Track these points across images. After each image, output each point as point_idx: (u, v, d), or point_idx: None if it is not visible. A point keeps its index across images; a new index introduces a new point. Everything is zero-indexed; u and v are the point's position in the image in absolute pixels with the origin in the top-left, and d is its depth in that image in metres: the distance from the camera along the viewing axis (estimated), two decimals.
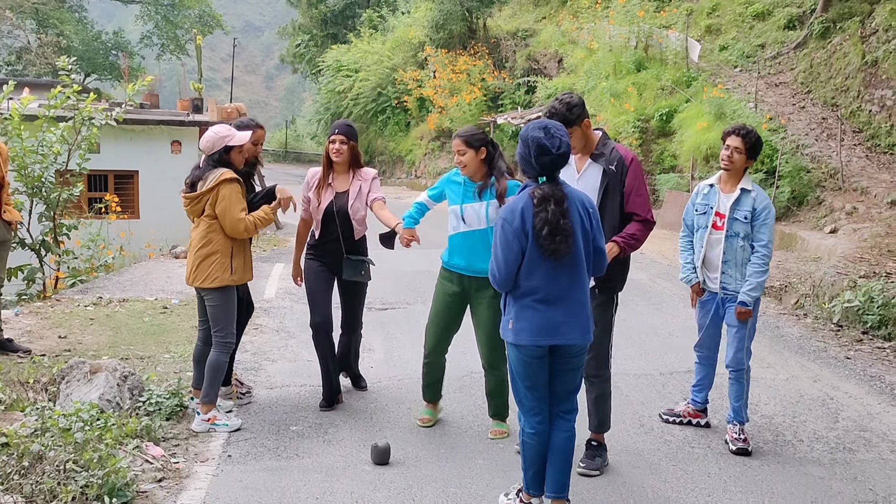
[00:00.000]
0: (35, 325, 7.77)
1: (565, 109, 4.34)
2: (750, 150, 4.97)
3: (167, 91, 54.08)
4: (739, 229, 4.95)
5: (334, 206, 5.39)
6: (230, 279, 5.06)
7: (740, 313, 4.95)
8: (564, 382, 3.91)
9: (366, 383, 5.94)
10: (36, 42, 40.23)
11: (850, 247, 10.46)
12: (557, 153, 3.67)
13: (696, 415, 5.37)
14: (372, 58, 34.13)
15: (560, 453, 3.90)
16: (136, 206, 16.06)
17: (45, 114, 9.58)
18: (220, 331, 5.10)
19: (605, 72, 20.62)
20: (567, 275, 3.74)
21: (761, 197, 4.96)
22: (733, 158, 4.96)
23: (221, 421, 5.07)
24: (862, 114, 14.79)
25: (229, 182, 4.95)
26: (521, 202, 3.75)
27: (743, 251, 4.96)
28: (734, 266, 4.99)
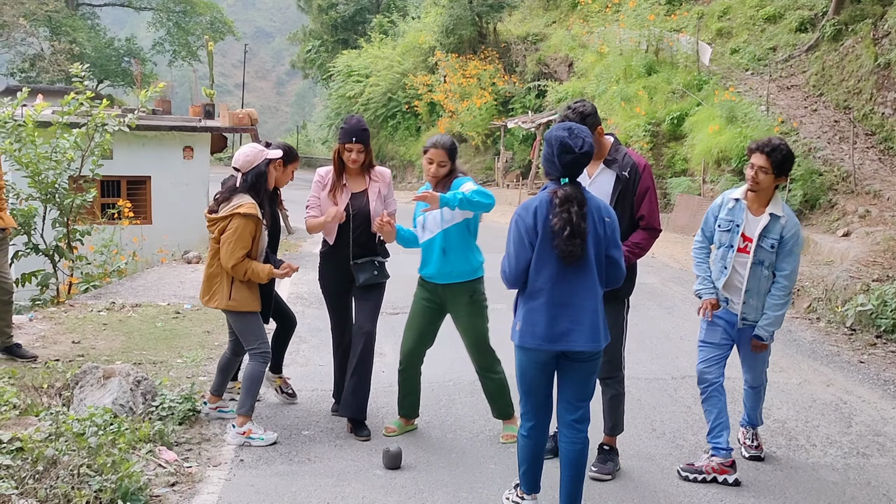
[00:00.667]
0: (49, 330, 7.82)
1: (578, 119, 4.30)
2: (778, 167, 4.46)
3: (179, 97, 54.37)
4: (765, 258, 4.54)
5: (350, 209, 5.12)
6: (227, 304, 4.96)
7: (755, 346, 4.67)
8: (575, 391, 3.87)
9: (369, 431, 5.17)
10: (49, 49, 40.58)
11: (863, 250, 10.40)
12: (580, 152, 3.68)
13: (723, 470, 4.54)
14: (382, 63, 34.26)
15: (572, 464, 3.87)
16: (148, 211, 16.14)
17: (59, 120, 9.65)
18: (252, 346, 5.03)
19: (616, 76, 20.61)
20: (575, 279, 3.72)
21: (791, 224, 4.52)
22: (759, 179, 4.48)
23: (257, 434, 4.96)
24: (875, 116, 14.72)
25: (242, 217, 4.84)
26: (536, 201, 3.77)
27: (766, 280, 4.57)
28: (756, 295, 4.59)
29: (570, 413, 3.89)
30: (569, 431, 3.88)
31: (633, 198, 4.46)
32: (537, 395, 3.87)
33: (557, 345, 3.72)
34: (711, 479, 4.51)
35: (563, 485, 3.88)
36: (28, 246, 9.42)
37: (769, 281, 4.57)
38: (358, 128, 5.05)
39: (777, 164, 4.45)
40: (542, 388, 3.87)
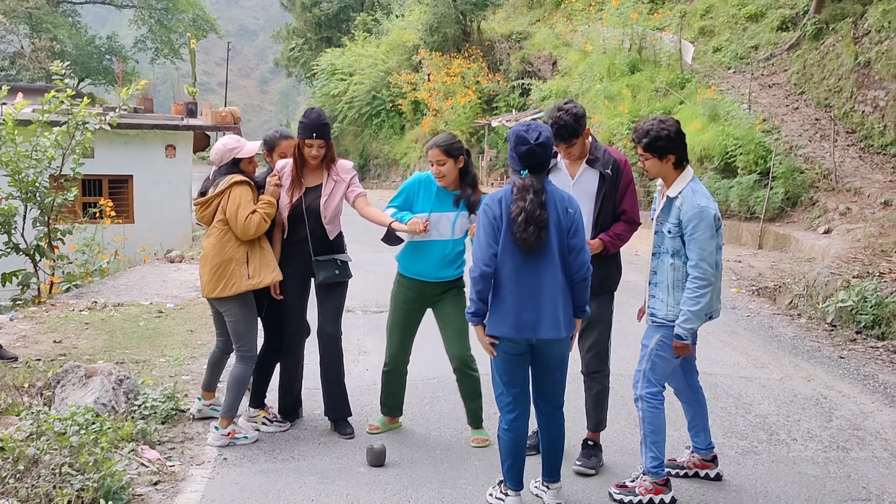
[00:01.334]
0: (30, 329, 7.76)
1: (573, 121, 4.32)
2: (653, 151, 4.14)
3: (161, 95, 54.04)
4: (668, 245, 4.17)
5: (303, 204, 4.99)
6: (248, 284, 4.82)
7: (676, 348, 4.16)
8: (551, 382, 4.04)
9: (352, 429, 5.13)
10: (29, 47, 40.24)
11: (844, 247, 10.49)
12: (535, 143, 3.78)
13: (703, 465, 4.55)
14: (366, 61, 34.22)
15: (555, 444, 4.10)
16: (130, 210, 16.07)
17: (39, 118, 9.58)
18: (243, 344, 4.93)
19: (600, 74, 20.67)
20: (538, 269, 3.82)
21: (688, 205, 4.07)
22: (646, 167, 4.23)
23: (241, 434, 4.95)
24: (855, 114, 14.84)
25: (239, 184, 4.84)
26: (501, 192, 3.89)
27: (674, 271, 4.16)
28: (665, 289, 4.20)
29: (547, 402, 4.07)
30: (546, 418, 4.09)
31: (616, 193, 4.49)
32: (515, 384, 3.97)
33: (524, 333, 3.82)
34: (693, 475, 4.53)
35: (548, 464, 4.10)
36: (8, 245, 9.36)
37: (679, 272, 4.15)
38: (318, 122, 4.89)
39: (649, 148, 4.14)
40: (520, 379, 3.99)
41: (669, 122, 4.17)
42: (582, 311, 3.99)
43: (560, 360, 3.99)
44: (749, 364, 6.91)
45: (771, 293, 9.76)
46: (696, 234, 4.04)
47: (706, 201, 4.09)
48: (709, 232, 4.04)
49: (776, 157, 13.56)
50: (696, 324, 4.10)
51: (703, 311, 4.09)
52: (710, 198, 4.15)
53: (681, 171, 4.19)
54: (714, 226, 4.07)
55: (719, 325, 8.21)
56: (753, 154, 13.89)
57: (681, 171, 4.19)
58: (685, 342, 4.14)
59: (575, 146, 4.41)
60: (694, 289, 4.05)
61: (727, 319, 8.49)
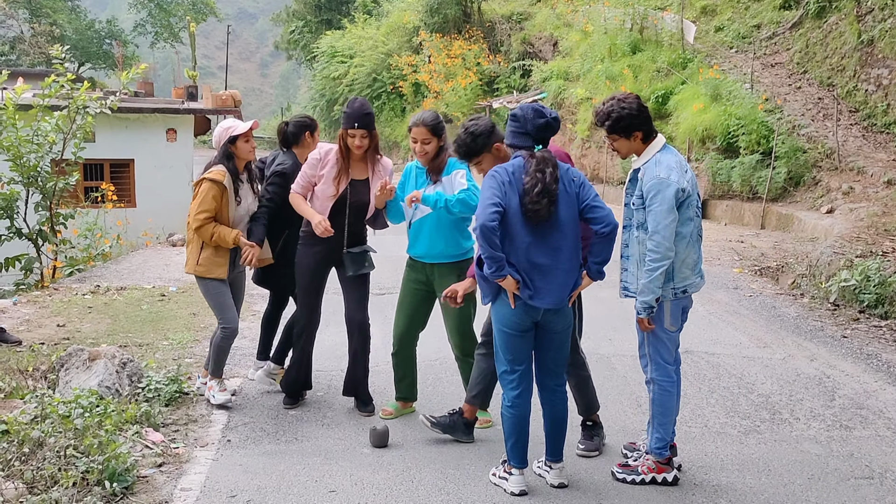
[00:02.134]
0: (33, 314, 7.78)
1: (470, 140, 4.31)
2: (620, 130, 4.08)
3: (162, 80, 53.87)
4: (633, 217, 4.12)
5: (349, 197, 4.97)
6: (196, 270, 5.13)
7: (639, 321, 4.15)
8: (557, 356, 4.07)
9: (373, 406, 5.24)
10: (29, 32, 40.12)
11: (847, 226, 10.48)
12: (551, 117, 3.96)
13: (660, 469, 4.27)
14: (366, 43, 34.08)
15: (558, 423, 4.12)
16: (132, 194, 16.03)
17: (40, 103, 9.55)
18: (219, 317, 5.24)
19: (601, 54, 20.57)
20: (546, 241, 3.87)
21: (649, 174, 3.99)
22: (615, 147, 4.18)
23: (212, 392, 5.23)
24: (858, 93, 14.77)
25: (208, 181, 5.02)
26: (510, 165, 3.92)
27: (639, 244, 4.10)
28: (635, 263, 4.14)
29: (551, 378, 4.11)
30: (551, 395, 4.12)
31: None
32: (520, 362, 4.01)
33: (535, 302, 3.86)
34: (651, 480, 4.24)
35: (552, 443, 4.13)
36: (11, 230, 9.35)
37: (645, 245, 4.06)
38: (361, 112, 4.85)
39: (614, 130, 4.08)
40: (525, 356, 4.02)
41: (629, 100, 4.10)
42: (599, 270, 4.03)
43: (566, 332, 4.05)
44: (752, 344, 6.91)
45: (773, 273, 9.76)
46: (652, 205, 3.95)
47: (667, 172, 3.96)
48: (666, 204, 3.92)
49: (779, 136, 13.52)
50: (650, 297, 3.99)
51: (656, 283, 3.97)
52: (675, 168, 3.98)
53: (649, 144, 4.13)
54: (675, 198, 3.93)
55: (722, 305, 8.21)
56: (756, 134, 13.85)
57: (649, 144, 4.13)
58: (642, 316, 4.08)
59: (482, 162, 4.36)
60: (647, 261, 3.98)
61: (729, 299, 8.49)
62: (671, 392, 4.20)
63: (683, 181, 3.98)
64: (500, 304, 3.96)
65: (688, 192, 4.00)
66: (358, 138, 4.88)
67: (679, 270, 4.07)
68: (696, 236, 4.13)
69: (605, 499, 4.04)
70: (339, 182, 4.94)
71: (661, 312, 4.11)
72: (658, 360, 4.19)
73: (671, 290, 4.08)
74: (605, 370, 6.13)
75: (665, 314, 4.12)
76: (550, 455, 4.15)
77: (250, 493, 4.04)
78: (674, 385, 4.22)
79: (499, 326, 4.00)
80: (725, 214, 14.30)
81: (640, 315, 4.09)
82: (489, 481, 4.17)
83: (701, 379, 5.94)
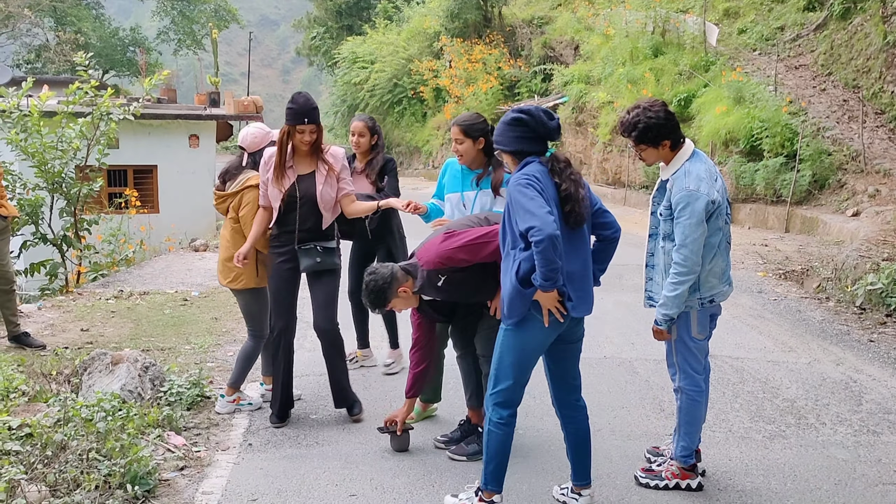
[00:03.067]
0: (58, 318, 7.85)
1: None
2: (647, 140, 3.97)
3: (185, 86, 54.35)
4: (660, 228, 4.06)
5: (297, 192, 4.84)
6: (257, 282, 5.06)
7: (654, 332, 4.08)
8: (571, 368, 3.88)
9: (360, 409, 5.19)
10: (54, 40, 40.57)
11: (873, 229, 10.34)
12: (556, 119, 3.76)
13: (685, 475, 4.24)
14: (387, 49, 34.13)
15: (584, 441, 3.90)
16: (155, 200, 16.18)
17: (64, 110, 9.66)
18: (254, 325, 5.19)
19: (622, 58, 20.47)
20: (576, 247, 3.70)
21: (678, 187, 3.90)
22: (642, 157, 4.09)
23: (246, 400, 5.25)
24: (884, 95, 14.59)
25: (255, 189, 4.97)
26: (535, 169, 3.64)
27: (666, 255, 4.03)
28: (661, 273, 4.09)
29: (570, 393, 3.89)
30: (573, 412, 3.89)
31: None
32: (526, 377, 3.75)
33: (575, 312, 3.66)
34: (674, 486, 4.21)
35: (576, 460, 3.90)
36: (36, 236, 9.45)
37: (671, 256, 3.99)
38: (308, 107, 4.74)
39: (642, 140, 3.97)
40: (530, 372, 3.77)
41: (656, 107, 3.97)
42: (600, 275, 3.93)
43: (581, 341, 3.88)
44: (776, 348, 6.83)
45: (798, 277, 9.64)
46: (681, 217, 3.86)
47: (697, 184, 3.85)
48: (695, 217, 3.82)
49: (803, 139, 13.37)
50: (673, 310, 3.92)
51: (681, 298, 3.90)
52: (705, 179, 3.88)
53: (678, 152, 4.01)
54: (705, 210, 3.84)
55: (746, 310, 8.13)
56: (780, 136, 13.71)
57: (678, 152, 4.01)
58: (661, 328, 4.01)
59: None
60: (673, 274, 3.89)
61: (753, 303, 8.40)
62: (699, 402, 4.11)
63: (714, 192, 3.87)
64: (529, 323, 3.63)
65: (718, 202, 3.89)
66: (307, 133, 4.76)
67: (706, 280, 3.99)
68: (725, 244, 4.04)
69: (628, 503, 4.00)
70: (282, 180, 4.81)
71: (687, 321, 4.03)
72: (686, 369, 4.09)
73: (697, 300, 3.99)
74: (627, 374, 6.08)
75: (692, 322, 4.03)
76: (578, 478, 3.91)
77: (271, 497, 4.04)
78: (702, 394, 4.11)
79: (520, 346, 3.67)
80: (749, 218, 14.16)
81: (660, 326, 4.00)
82: (508, 487, 4.14)
83: (725, 383, 5.87)
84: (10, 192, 9.03)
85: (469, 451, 4.53)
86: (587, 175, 20.48)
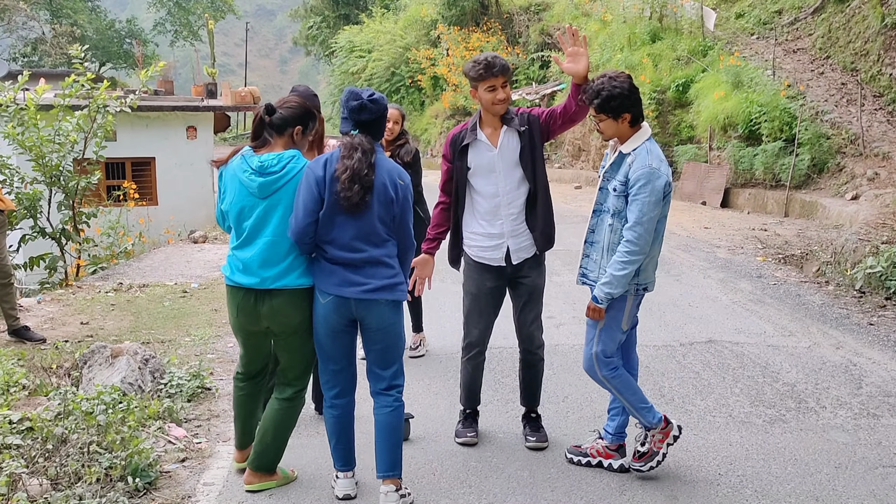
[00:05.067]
0: (57, 312, 7.85)
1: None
2: (608, 110, 3.87)
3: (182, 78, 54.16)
4: (610, 204, 3.93)
5: None
6: None
7: (588, 309, 3.99)
8: (373, 357, 3.87)
9: None
10: (50, 33, 40.49)
11: (872, 213, 10.33)
12: (368, 98, 3.69)
13: (608, 454, 4.25)
14: (384, 37, 34.01)
15: (383, 430, 3.89)
16: (154, 192, 16.15)
17: (61, 103, 9.62)
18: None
19: (620, 44, 20.42)
20: (362, 234, 3.68)
21: (640, 163, 3.80)
22: (601, 129, 3.97)
23: None
24: (882, 78, 14.55)
25: None
26: (327, 154, 3.72)
27: (612, 232, 3.93)
28: (599, 249, 4.00)
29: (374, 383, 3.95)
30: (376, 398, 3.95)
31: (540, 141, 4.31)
32: (339, 359, 3.89)
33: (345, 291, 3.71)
34: (597, 464, 4.25)
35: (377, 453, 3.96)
36: (35, 230, 9.44)
37: (620, 235, 3.89)
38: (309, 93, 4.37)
39: (603, 109, 3.87)
40: (342, 353, 3.90)
41: (621, 79, 3.87)
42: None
43: (386, 331, 3.81)
44: (776, 332, 6.84)
45: (798, 261, 9.64)
46: (640, 194, 3.77)
47: (659, 164, 3.82)
48: (654, 196, 3.77)
49: (801, 123, 13.35)
50: (618, 290, 3.87)
51: (627, 277, 3.85)
52: (664, 161, 3.88)
53: (637, 129, 3.94)
54: (662, 192, 3.80)
55: (746, 294, 8.13)
56: (778, 121, 13.69)
57: (637, 129, 3.94)
58: (601, 306, 3.93)
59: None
60: (624, 252, 3.82)
61: (753, 288, 8.41)
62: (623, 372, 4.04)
63: (669, 175, 3.88)
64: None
65: (671, 187, 3.88)
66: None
67: (645, 267, 3.95)
68: (662, 234, 4.01)
69: (628, 488, 4.00)
70: None
71: (622, 307, 3.97)
72: (603, 359, 4.01)
73: (635, 285, 3.94)
74: None
75: (625, 313, 3.98)
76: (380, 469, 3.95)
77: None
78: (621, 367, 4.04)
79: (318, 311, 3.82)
80: (748, 203, 14.15)
81: (600, 304, 3.92)
82: (510, 475, 4.15)
83: (725, 368, 5.88)
84: (8, 186, 9.01)
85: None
86: (586, 162, 20.45)
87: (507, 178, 4.28)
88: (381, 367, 3.86)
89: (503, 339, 6.11)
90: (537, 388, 4.63)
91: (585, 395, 5.34)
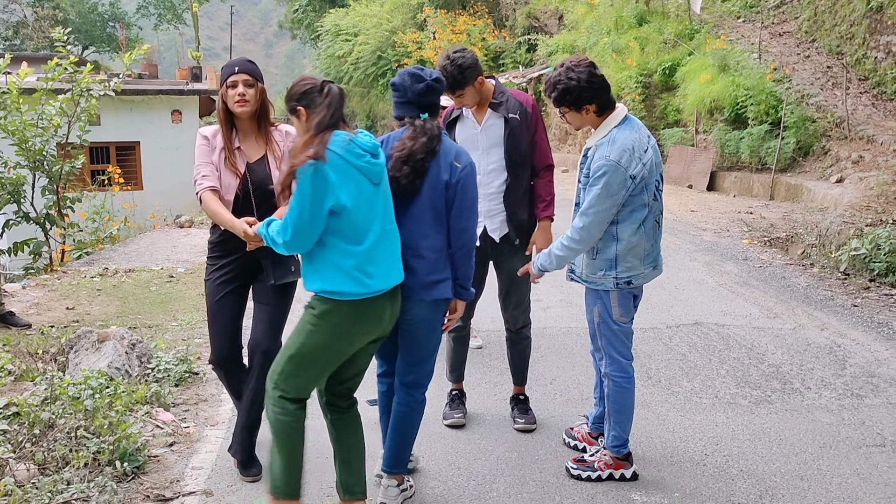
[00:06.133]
0: (43, 297, 7.80)
1: (457, 72, 4.08)
2: (567, 103, 3.69)
3: (166, 62, 53.76)
4: (582, 199, 3.77)
5: (249, 182, 3.76)
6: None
7: (523, 271, 4.03)
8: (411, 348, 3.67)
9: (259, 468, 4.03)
10: (32, 16, 40.03)
11: (857, 195, 10.40)
12: (431, 79, 3.48)
13: (589, 440, 4.26)
14: (371, 21, 33.81)
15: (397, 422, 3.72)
16: (139, 177, 16.07)
17: (43, 86, 9.52)
18: None
19: (607, 27, 20.39)
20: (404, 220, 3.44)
21: (600, 154, 3.60)
22: (567, 119, 3.80)
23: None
24: (867, 61, 14.60)
25: None
26: (388, 134, 3.56)
27: None
28: None
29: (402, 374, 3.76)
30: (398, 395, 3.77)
31: (526, 137, 4.31)
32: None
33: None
34: (583, 449, 4.22)
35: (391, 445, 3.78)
36: (18, 215, 9.36)
37: None
38: (242, 59, 3.83)
39: (560, 102, 3.70)
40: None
41: (580, 69, 3.63)
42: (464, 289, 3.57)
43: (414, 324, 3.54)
44: (762, 314, 6.88)
45: (783, 243, 9.70)
46: (594, 186, 3.59)
47: (620, 155, 3.56)
48: (607, 190, 3.55)
49: (787, 106, 13.39)
50: (552, 268, 3.82)
51: (564, 261, 3.78)
52: (630, 151, 3.58)
53: (606, 117, 3.71)
54: (623, 186, 3.57)
55: (731, 277, 8.17)
56: (764, 104, 13.72)
57: (606, 117, 3.71)
58: (533, 271, 3.94)
59: (465, 96, 4.20)
60: (568, 238, 3.70)
61: (739, 270, 8.45)
62: (627, 388, 3.87)
63: (638, 166, 3.59)
64: None
65: (642, 177, 3.61)
66: (240, 87, 3.70)
67: (623, 258, 3.71)
68: (653, 224, 3.75)
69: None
70: (235, 164, 3.76)
71: (607, 302, 3.81)
72: (612, 354, 3.86)
73: (613, 279, 3.74)
74: None
75: (612, 304, 3.80)
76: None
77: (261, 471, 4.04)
78: (630, 381, 3.87)
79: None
80: (734, 186, 14.20)
81: (534, 271, 3.94)
82: (499, 457, 4.17)
83: (711, 350, 5.92)
84: None
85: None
86: (572, 146, 20.45)
87: (487, 156, 4.31)
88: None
89: (491, 322, 6.14)
90: (524, 366, 4.69)
91: (573, 378, 5.37)
